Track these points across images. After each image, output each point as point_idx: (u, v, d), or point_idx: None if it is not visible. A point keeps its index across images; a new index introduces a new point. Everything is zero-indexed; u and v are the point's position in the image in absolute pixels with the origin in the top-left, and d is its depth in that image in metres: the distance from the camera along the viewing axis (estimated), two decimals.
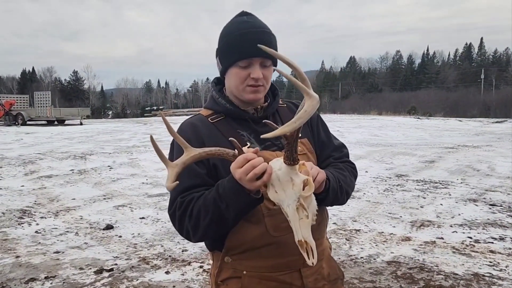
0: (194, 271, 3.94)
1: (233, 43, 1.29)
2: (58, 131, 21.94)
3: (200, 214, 1.18)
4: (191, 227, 1.21)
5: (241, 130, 1.33)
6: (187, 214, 1.21)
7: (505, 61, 76.08)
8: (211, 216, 1.17)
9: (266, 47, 1.08)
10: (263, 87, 1.31)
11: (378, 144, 14.46)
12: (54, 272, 3.92)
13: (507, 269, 3.88)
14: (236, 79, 1.30)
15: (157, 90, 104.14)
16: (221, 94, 1.38)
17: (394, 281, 3.66)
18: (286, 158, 1.06)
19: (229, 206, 1.14)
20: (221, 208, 1.15)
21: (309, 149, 1.37)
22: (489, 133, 20.69)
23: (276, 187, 1.07)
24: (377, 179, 8.34)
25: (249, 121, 1.35)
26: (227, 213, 1.15)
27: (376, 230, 5.10)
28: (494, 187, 7.51)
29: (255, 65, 1.27)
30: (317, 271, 1.33)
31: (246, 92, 1.30)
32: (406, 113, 43.37)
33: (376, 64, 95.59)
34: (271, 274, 1.27)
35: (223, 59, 1.33)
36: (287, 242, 1.24)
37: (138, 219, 5.72)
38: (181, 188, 1.25)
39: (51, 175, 8.88)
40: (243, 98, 1.32)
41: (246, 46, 1.26)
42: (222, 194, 1.14)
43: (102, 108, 74.10)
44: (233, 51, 1.29)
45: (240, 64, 1.28)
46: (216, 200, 1.15)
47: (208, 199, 1.18)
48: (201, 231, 1.21)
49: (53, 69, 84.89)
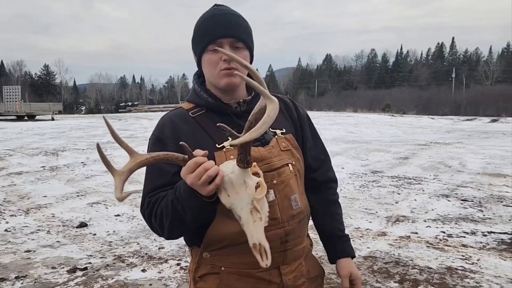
0: (171, 269, 3.89)
1: (201, 30, 1.28)
2: (28, 126, 21.30)
3: (163, 215, 1.18)
4: (158, 227, 1.21)
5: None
6: (153, 214, 1.21)
7: (475, 61, 78.35)
8: (171, 219, 1.16)
9: (220, 49, 1.13)
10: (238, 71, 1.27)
11: (353, 141, 14.66)
12: (25, 272, 3.79)
13: (478, 263, 3.99)
14: (209, 65, 1.28)
15: (132, 86, 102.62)
16: (203, 87, 1.34)
17: (371, 276, 3.71)
18: (240, 161, 1.04)
19: (185, 208, 1.12)
20: (178, 211, 1.13)
21: (293, 145, 1.34)
22: (460, 130, 21.30)
23: (228, 191, 1.05)
24: (353, 176, 8.44)
25: (231, 116, 1.31)
26: (184, 216, 1.13)
27: (353, 225, 5.16)
28: (465, 183, 7.71)
29: (225, 46, 1.24)
30: (297, 268, 1.31)
31: (220, 77, 1.26)
32: (380, 111, 44.18)
33: (351, 62, 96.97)
34: (250, 271, 1.25)
35: (195, 49, 1.32)
36: (267, 239, 1.22)
37: (113, 216, 5.61)
38: (148, 188, 1.26)
39: (21, 171, 8.60)
40: (220, 86, 1.28)
41: (213, 29, 1.25)
42: (178, 196, 1.13)
43: (75, 104, 72.30)
44: (202, 37, 1.27)
45: (210, 49, 1.26)
46: (173, 202, 1.14)
47: (168, 200, 1.16)
48: (166, 231, 1.20)
49: (23, 63, 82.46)
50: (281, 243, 1.26)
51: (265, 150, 1.27)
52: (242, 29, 1.28)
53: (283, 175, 1.27)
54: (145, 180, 1.30)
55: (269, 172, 1.24)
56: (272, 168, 1.25)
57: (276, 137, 1.31)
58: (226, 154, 1.23)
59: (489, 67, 68.18)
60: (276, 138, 1.31)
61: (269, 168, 1.25)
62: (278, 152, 1.28)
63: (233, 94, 1.32)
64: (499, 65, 68.15)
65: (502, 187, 7.34)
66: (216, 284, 1.27)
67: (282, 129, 1.34)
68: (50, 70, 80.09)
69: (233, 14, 1.29)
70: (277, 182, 1.25)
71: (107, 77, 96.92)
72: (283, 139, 1.32)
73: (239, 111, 1.32)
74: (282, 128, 1.34)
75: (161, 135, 1.28)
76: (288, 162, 1.29)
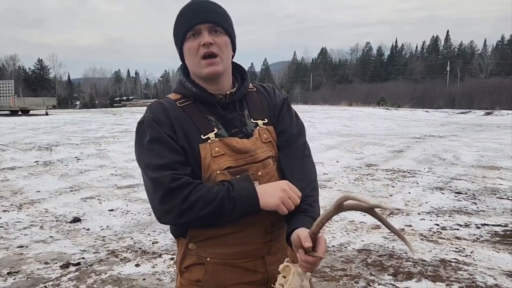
0: (165, 263, 3.87)
1: (180, 20, 1.29)
2: (22, 121, 21.13)
3: (197, 203, 1.14)
4: (181, 210, 1.15)
5: (209, 115, 1.29)
6: (183, 195, 1.15)
7: (470, 54, 78.53)
8: (209, 211, 1.15)
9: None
10: (219, 58, 1.26)
11: (348, 135, 14.67)
12: (18, 267, 3.77)
13: (472, 255, 4.01)
14: (190, 53, 1.27)
15: (126, 80, 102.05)
16: (188, 78, 1.33)
17: (365, 269, 3.71)
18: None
19: (235, 209, 1.15)
20: (225, 208, 1.15)
21: (273, 137, 1.34)
22: (454, 123, 21.38)
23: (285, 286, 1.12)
24: (348, 169, 8.45)
25: (217, 106, 1.30)
26: (227, 214, 1.16)
27: (347, 219, 5.16)
28: (459, 175, 7.74)
29: (203, 32, 1.25)
30: (282, 259, 1.31)
31: (202, 66, 1.26)
32: (375, 104, 44.24)
33: (346, 56, 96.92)
34: (235, 261, 1.26)
35: (176, 41, 1.32)
36: (252, 231, 1.25)
37: (107, 211, 5.58)
38: (163, 162, 1.18)
39: (14, 166, 8.53)
40: (202, 75, 1.27)
41: (190, 16, 1.26)
42: (235, 196, 1.15)
43: (69, 98, 71.77)
44: (181, 26, 1.28)
45: (189, 36, 1.26)
46: (223, 199, 1.15)
47: (213, 193, 1.15)
48: (189, 217, 1.16)
49: (16, 57, 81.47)
50: (266, 233, 1.27)
51: (249, 142, 1.27)
52: (219, 15, 1.28)
53: (268, 167, 1.28)
54: (151, 156, 1.21)
55: (254, 163, 1.25)
56: (257, 160, 1.26)
57: (258, 128, 1.31)
58: (210, 146, 1.23)
59: (483, 60, 68.32)
60: (258, 129, 1.31)
61: (254, 160, 1.26)
62: (261, 144, 1.29)
63: (217, 83, 1.31)
64: (494, 58, 68.33)
65: (496, 179, 7.38)
66: (202, 275, 1.27)
67: (264, 119, 1.34)
68: (44, 64, 79.38)
69: (210, 2, 1.29)
70: (262, 174, 1.26)
71: (102, 72, 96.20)
72: (264, 130, 1.32)
73: (224, 102, 1.31)
74: (264, 117, 1.34)
75: (155, 118, 1.25)
76: (270, 154, 1.29)
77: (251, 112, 1.34)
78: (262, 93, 1.40)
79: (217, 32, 1.26)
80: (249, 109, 1.34)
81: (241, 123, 1.31)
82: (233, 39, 1.32)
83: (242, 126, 1.30)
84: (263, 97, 1.39)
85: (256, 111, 1.35)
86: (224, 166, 1.22)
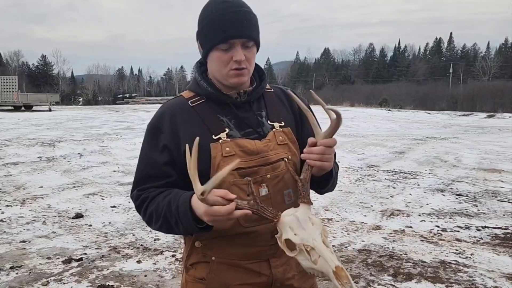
0: (166, 260, 3.90)
1: (212, 26, 1.22)
2: (25, 117, 21.21)
3: (152, 217, 1.24)
4: (146, 222, 1.29)
5: (222, 115, 1.28)
6: (142, 210, 1.28)
7: (473, 56, 78.32)
8: (160, 224, 1.23)
9: (296, 98, 1.27)
10: (247, 70, 1.25)
11: (350, 135, 14.67)
12: (20, 262, 3.80)
13: (472, 257, 4.02)
14: (219, 63, 1.24)
15: (130, 77, 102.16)
16: (203, 77, 1.32)
17: (365, 269, 3.73)
18: (304, 197, 1.14)
19: (178, 224, 1.18)
20: (171, 222, 1.20)
21: (291, 139, 1.33)
22: (456, 125, 21.35)
23: (295, 230, 1.10)
24: (349, 169, 8.47)
25: (230, 106, 1.30)
26: (176, 228, 1.20)
27: (348, 219, 5.18)
28: (461, 177, 7.75)
29: (237, 47, 1.21)
30: (287, 261, 1.31)
31: (230, 76, 1.24)
32: (377, 105, 44.14)
33: (349, 56, 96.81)
34: (240, 262, 1.27)
35: (204, 43, 1.27)
36: (258, 233, 1.24)
37: (109, 207, 5.61)
38: (139, 176, 1.30)
39: (18, 162, 8.58)
40: (227, 83, 1.27)
41: (226, 28, 1.20)
42: (174, 212, 1.17)
43: (72, 95, 71.79)
44: (213, 34, 1.23)
45: (221, 47, 1.22)
46: (166, 214, 1.19)
47: (160, 207, 1.21)
48: (154, 228, 1.28)
49: (20, 53, 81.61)
50: (272, 237, 1.24)
51: (261, 144, 1.26)
52: (253, 28, 1.24)
53: (278, 169, 1.26)
54: (137, 166, 1.33)
55: (263, 166, 1.24)
56: (267, 162, 1.25)
57: (273, 130, 1.30)
58: (221, 146, 1.23)
59: (486, 63, 68.16)
60: (273, 131, 1.30)
61: (264, 162, 1.25)
62: (275, 146, 1.28)
63: (236, 87, 1.30)
64: (497, 61, 68.16)
65: (497, 182, 7.39)
66: (207, 273, 1.28)
67: (281, 122, 1.33)
68: (48, 60, 79.54)
69: (245, 11, 1.24)
70: (271, 176, 1.25)
71: (105, 68, 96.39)
72: (280, 132, 1.31)
73: (239, 101, 1.30)
74: (281, 121, 1.33)
75: (158, 125, 1.28)
76: (283, 156, 1.28)
77: (269, 113, 1.33)
78: (281, 96, 1.39)
79: (249, 47, 1.24)
80: (267, 110, 1.33)
81: (258, 124, 1.30)
82: (259, 44, 1.30)
83: (258, 127, 1.29)
84: (281, 101, 1.38)
85: (273, 113, 1.34)
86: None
